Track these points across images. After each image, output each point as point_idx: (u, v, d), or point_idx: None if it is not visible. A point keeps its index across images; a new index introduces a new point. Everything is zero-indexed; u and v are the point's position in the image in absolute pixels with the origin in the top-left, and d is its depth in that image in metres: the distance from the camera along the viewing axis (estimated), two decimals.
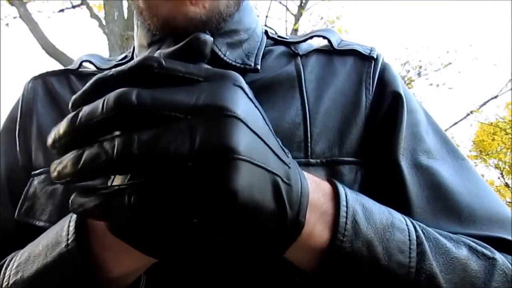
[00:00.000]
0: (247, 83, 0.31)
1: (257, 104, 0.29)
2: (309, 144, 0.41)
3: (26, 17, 4.99)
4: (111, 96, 0.24)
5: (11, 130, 0.48)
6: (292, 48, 0.49)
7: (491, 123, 9.33)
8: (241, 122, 0.25)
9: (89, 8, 5.73)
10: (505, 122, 9.20)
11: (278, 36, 0.51)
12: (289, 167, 0.29)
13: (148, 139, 0.23)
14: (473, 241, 0.36)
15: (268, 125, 0.29)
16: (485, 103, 8.54)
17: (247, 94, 0.27)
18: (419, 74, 8.46)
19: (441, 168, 0.42)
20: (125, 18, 4.91)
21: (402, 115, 0.43)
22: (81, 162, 0.24)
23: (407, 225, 0.34)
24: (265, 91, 0.43)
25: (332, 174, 0.40)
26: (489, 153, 9.94)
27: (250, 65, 0.44)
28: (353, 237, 0.31)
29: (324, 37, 0.49)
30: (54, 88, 0.49)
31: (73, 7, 6.32)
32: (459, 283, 0.33)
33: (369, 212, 0.33)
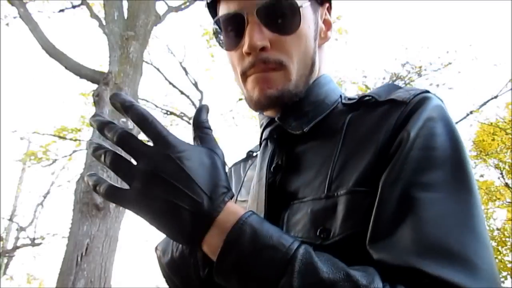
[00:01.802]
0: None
1: (189, 164, 0.46)
2: (327, 185, 0.54)
3: (26, 17, 4.98)
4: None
5: None
6: (351, 106, 0.62)
7: (491, 123, 9.32)
8: (157, 174, 0.45)
9: (89, 8, 5.72)
10: (505, 122, 9.18)
11: (348, 99, 0.64)
12: (202, 203, 0.45)
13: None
14: (358, 271, 0.42)
15: (190, 176, 0.45)
16: (485, 103, 8.53)
17: (178, 160, 0.45)
18: (419, 74, 8.44)
19: (431, 201, 0.46)
20: (125, 18, 4.91)
21: (402, 152, 0.50)
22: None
23: (288, 248, 0.44)
24: (314, 147, 0.60)
25: (345, 202, 0.51)
26: (489, 153, 9.92)
27: (303, 129, 0.62)
28: (230, 253, 0.44)
29: (370, 96, 0.60)
30: (236, 167, 0.80)
31: (73, 7, 6.31)
32: None
33: (256, 235, 0.45)
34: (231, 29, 0.62)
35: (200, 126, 0.52)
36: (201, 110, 0.54)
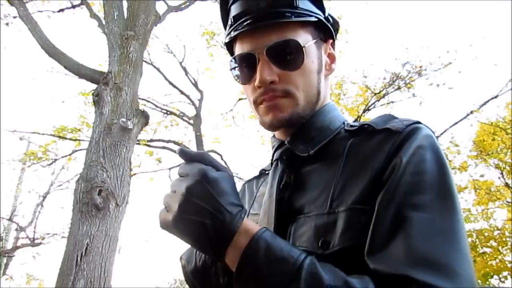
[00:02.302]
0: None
1: (214, 191, 0.54)
2: (329, 203, 0.62)
3: (26, 17, 4.98)
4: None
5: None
6: (352, 133, 0.71)
7: (492, 123, 9.32)
8: (188, 195, 0.54)
9: (89, 7, 5.72)
10: (506, 122, 9.18)
11: (350, 126, 0.73)
12: (224, 220, 0.53)
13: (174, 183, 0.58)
14: (355, 279, 0.50)
15: (215, 197, 0.54)
16: (485, 103, 8.53)
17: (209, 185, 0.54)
18: (419, 74, 8.42)
19: (420, 219, 0.54)
20: (125, 17, 4.90)
21: (395, 176, 0.58)
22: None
23: (296, 259, 0.51)
24: (319, 168, 0.69)
25: (344, 217, 0.59)
26: (489, 153, 9.91)
27: (309, 152, 0.71)
28: (248, 264, 0.52)
29: (368, 124, 0.69)
30: (249, 183, 0.91)
31: (73, 6, 6.31)
32: None
33: (269, 249, 0.52)
34: (245, 66, 0.73)
35: (204, 159, 0.58)
36: (190, 153, 0.59)
